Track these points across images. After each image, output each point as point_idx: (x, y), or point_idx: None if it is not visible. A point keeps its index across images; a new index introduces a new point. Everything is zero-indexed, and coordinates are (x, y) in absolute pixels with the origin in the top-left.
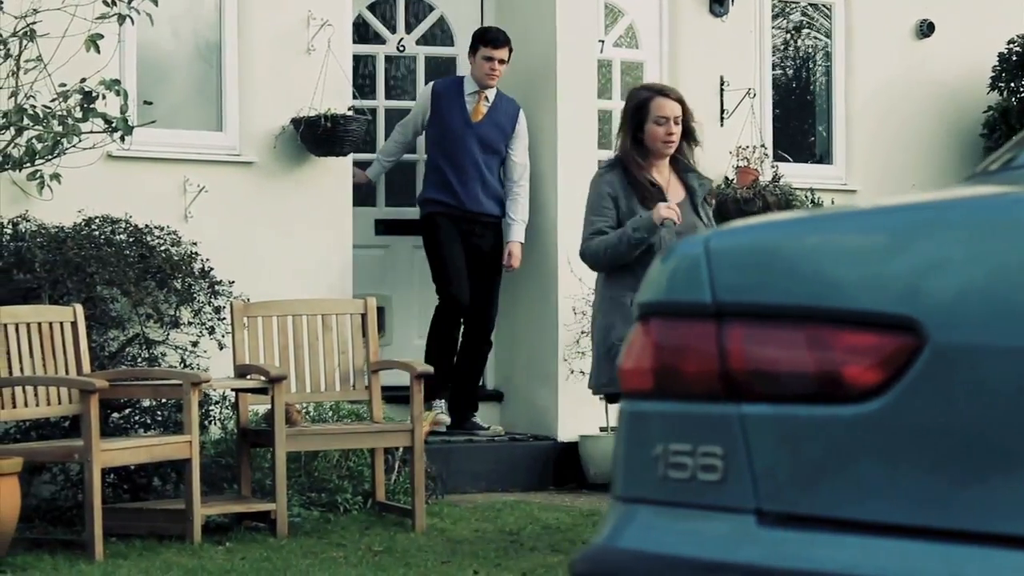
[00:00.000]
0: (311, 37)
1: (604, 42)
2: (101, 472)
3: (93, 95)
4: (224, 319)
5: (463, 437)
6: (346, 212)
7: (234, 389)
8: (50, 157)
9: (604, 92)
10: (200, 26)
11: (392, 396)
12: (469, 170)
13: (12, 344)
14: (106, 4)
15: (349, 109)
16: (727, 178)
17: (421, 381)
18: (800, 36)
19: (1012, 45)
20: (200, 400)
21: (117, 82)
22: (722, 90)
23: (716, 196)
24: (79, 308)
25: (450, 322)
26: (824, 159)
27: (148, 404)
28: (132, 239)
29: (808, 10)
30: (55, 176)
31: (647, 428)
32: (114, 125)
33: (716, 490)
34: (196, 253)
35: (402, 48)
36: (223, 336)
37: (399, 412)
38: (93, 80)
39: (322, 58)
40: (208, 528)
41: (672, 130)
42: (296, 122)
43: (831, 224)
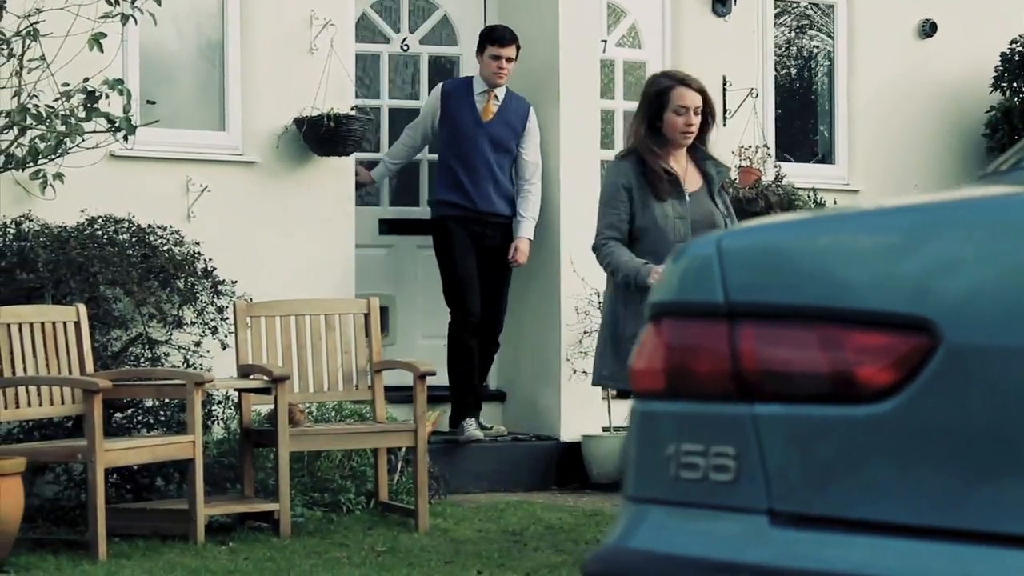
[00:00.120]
0: (314, 37)
1: (607, 42)
2: (104, 472)
3: (96, 95)
4: (227, 319)
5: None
6: (349, 212)
7: (237, 389)
8: (53, 157)
9: (607, 92)
10: (203, 26)
11: (395, 396)
12: (481, 170)
13: (15, 344)
14: (109, 3)
15: (352, 109)
16: (729, 178)
17: (424, 381)
18: (802, 36)
19: (1015, 45)
20: (203, 400)
21: (120, 82)
22: (724, 90)
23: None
24: (82, 308)
25: (467, 336)
26: (826, 159)
27: (151, 404)
28: (135, 239)
29: (810, 10)
30: (58, 176)
31: (659, 428)
32: (117, 125)
33: (728, 490)
34: (199, 253)
35: (406, 47)
36: (226, 336)
37: (403, 412)
38: (96, 80)
39: (325, 58)
40: (211, 528)
41: (692, 121)
42: (299, 122)
43: (844, 224)
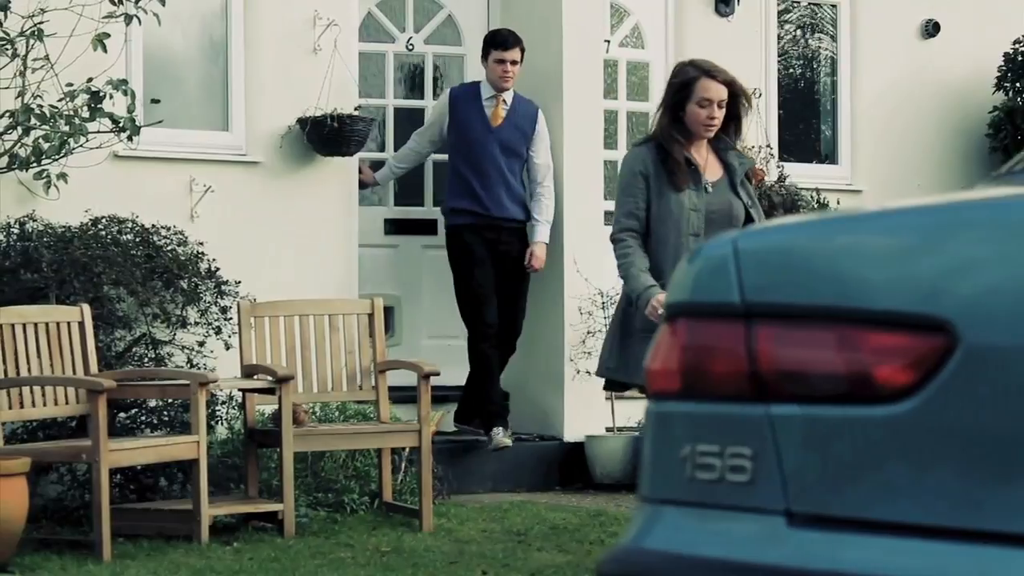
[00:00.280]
0: (317, 37)
1: (610, 42)
2: (108, 472)
3: (100, 95)
4: (231, 319)
5: (469, 437)
6: (352, 212)
7: (241, 389)
8: (57, 157)
9: (610, 92)
10: (206, 26)
11: (399, 396)
12: (492, 175)
13: (19, 344)
14: (113, 4)
15: (355, 109)
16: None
17: (428, 381)
18: (806, 36)
19: (1018, 45)
20: (207, 400)
21: (124, 82)
22: None
23: (761, 176)
24: (86, 308)
25: (486, 347)
26: (830, 159)
27: (154, 404)
28: (139, 239)
29: (814, 10)
30: (62, 176)
31: (675, 429)
32: (121, 125)
33: (745, 491)
34: (202, 253)
35: (411, 47)
36: (229, 336)
37: (406, 412)
38: (100, 80)
39: (328, 58)
40: (215, 528)
41: (714, 114)
42: (302, 122)
43: (861, 224)
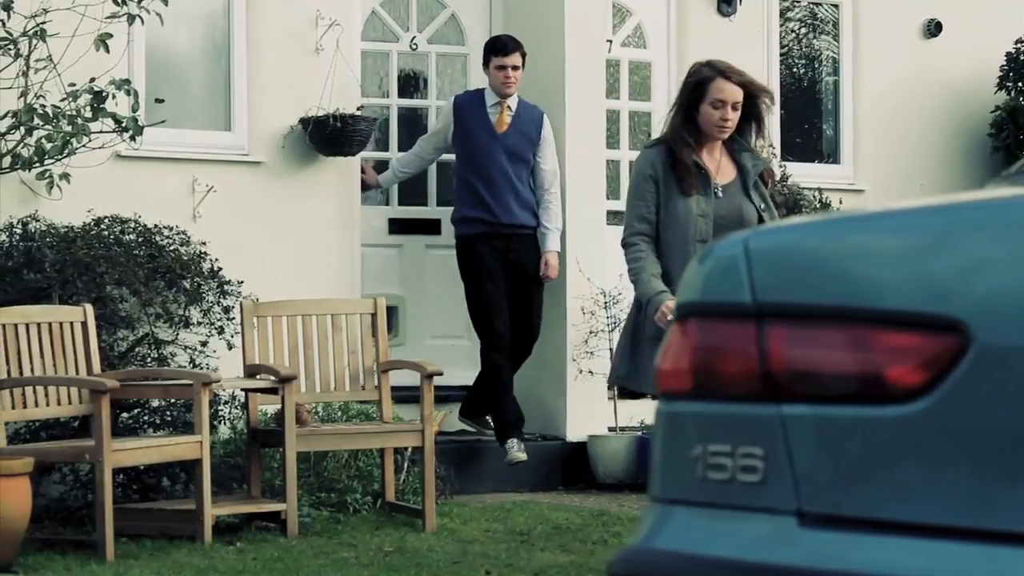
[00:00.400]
0: (319, 37)
1: (612, 42)
2: (112, 472)
3: (103, 95)
4: (233, 319)
5: (472, 437)
6: (355, 212)
7: (244, 389)
8: (59, 157)
9: (612, 92)
10: (209, 26)
11: (402, 396)
12: (499, 182)
13: (22, 344)
14: (116, 4)
15: (358, 109)
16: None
17: (431, 381)
18: (808, 36)
19: (1020, 45)
20: (209, 400)
21: (127, 82)
22: None
23: (775, 178)
24: (89, 308)
25: (499, 358)
26: (832, 159)
27: (157, 404)
28: (141, 239)
29: (816, 10)
30: (64, 176)
31: (686, 429)
32: (124, 125)
33: (756, 491)
34: (205, 253)
35: (415, 46)
36: (232, 336)
37: (409, 412)
38: (103, 80)
39: (330, 58)
40: (218, 528)
41: (728, 116)
42: (304, 122)
43: (872, 224)
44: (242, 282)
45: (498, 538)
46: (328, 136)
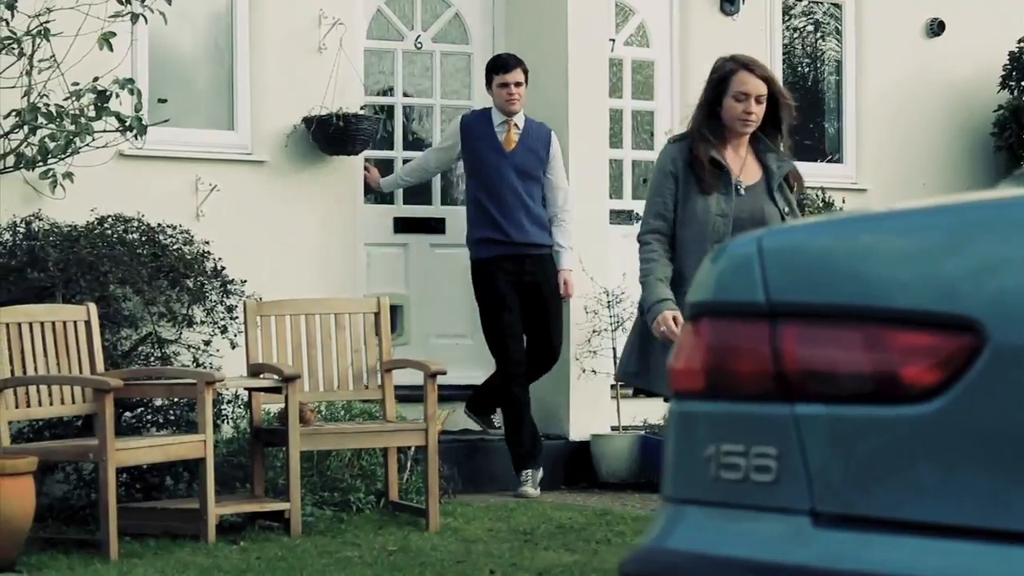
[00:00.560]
0: (322, 36)
1: (615, 41)
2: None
3: (107, 94)
4: (236, 318)
5: (475, 437)
6: (358, 211)
7: (247, 388)
8: (63, 156)
9: (615, 91)
10: (212, 25)
11: (406, 395)
12: (510, 200)
13: (26, 343)
14: (120, 3)
15: (361, 108)
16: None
17: (435, 380)
18: (810, 35)
19: (1023, 44)
20: (213, 399)
21: (131, 81)
22: None
23: (801, 181)
24: (92, 307)
25: (514, 385)
26: (835, 158)
27: (160, 403)
28: (145, 238)
29: (818, 9)
30: (68, 175)
31: (698, 429)
32: (128, 124)
33: (770, 491)
34: (208, 252)
35: (419, 45)
36: (235, 335)
37: (412, 411)
38: (106, 79)
39: (334, 57)
40: (221, 527)
41: (751, 109)
42: (308, 121)
43: (886, 224)
44: (245, 281)
45: (501, 537)
46: (331, 135)
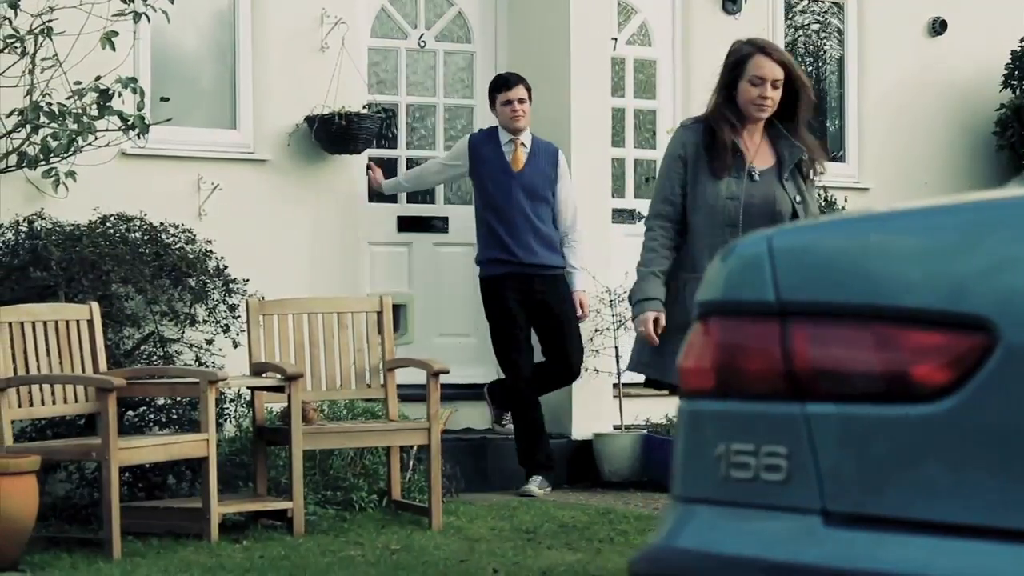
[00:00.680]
0: (325, 35)
1: (617, 40)
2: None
3: (109, 93)
4: (239, 317)
5: (478, 435)
6: (360, 210)
7: (250, 387)
8: (65, 155)
9: (617, 90)
10: (214, 24)
11: (409, 394)
12: (518, 221)
13: (28, 342)
14: (122, 1)
15: (364, 107)
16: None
17: (438, 379)
18: (813, 34)
19: None
20: (215, 398)
21: (134, 80)
22: None
23: (815, 167)
24: (95, 306)
25: (531, 411)
26: (837, 157)
27: (163, 402)
28: (147, 237)
29: (821, 8)
30: (70, 174)
31: (708, 428)
32: (130, 123)
33: (780, 490)
34: (211, 251)
35: (423, 44)
36: (237, 334)
37: (415, 410)
38: (109, 78)
39: (336, 56)
40: (224, 526)
41: (767, 93)
42: (310, 120)
43: (897, 223)
44: (248, 280)
45: (504, 536)
46: (334, 134)
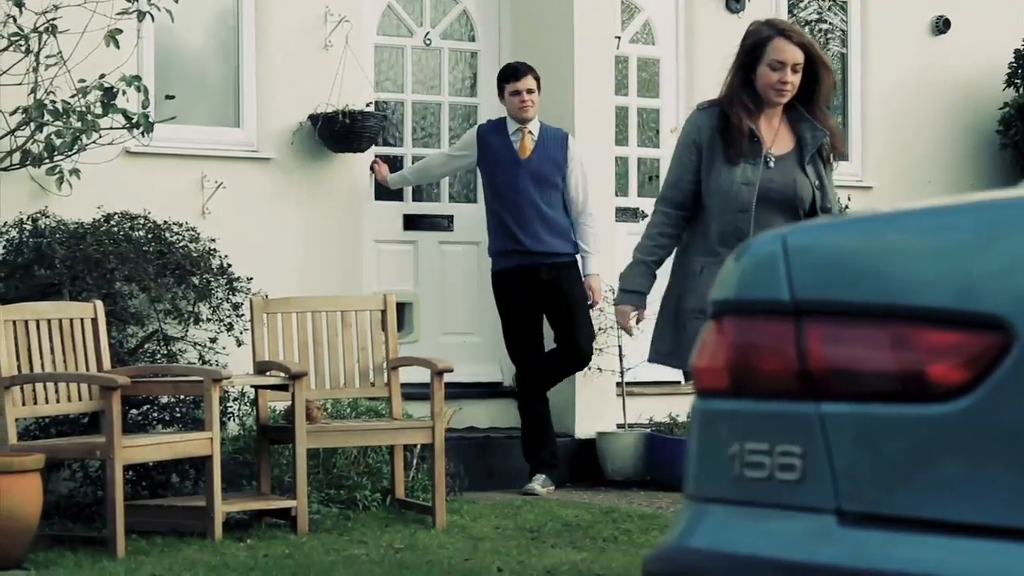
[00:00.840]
0: (328, 33)
1: (620, 38)
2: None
3: (113, 91)
4: (242, 315)
5: (482, 434)
6: (364, 208)
7: (254, 386)
8: (69, 153)
9: (620, 88)
10: (218, 22)
11: (413, 392)
12: (526, 210)
13: (32, 340)
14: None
15: (367, 105)
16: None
17: (442, 378)
18: (816, 32)
19: None
20: (219, 396)
21: (138, 78)
22: None
23: (836, 151)
24: (99, 304)
25: (539, 407)
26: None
27: (166, 400)
28: (151, 235)
29: (824, 6)
30: (74, 172)
31: (722, 427)
32: (135, 121)
33: (795, 490)
34: (214, 249)
35: (428, 41)
36: (241, 333)
37: (419, 409)
38: (113, 76)
39: (340, 54)
40: (228, 525)
41: (786, 78)
42: (314, 118)
43: (912, 221)
44: (251, 278)
45: (508, 535)
46: (337, 132)
